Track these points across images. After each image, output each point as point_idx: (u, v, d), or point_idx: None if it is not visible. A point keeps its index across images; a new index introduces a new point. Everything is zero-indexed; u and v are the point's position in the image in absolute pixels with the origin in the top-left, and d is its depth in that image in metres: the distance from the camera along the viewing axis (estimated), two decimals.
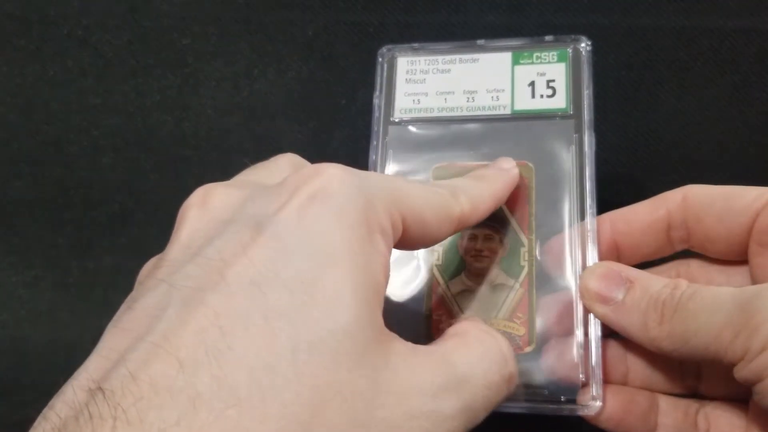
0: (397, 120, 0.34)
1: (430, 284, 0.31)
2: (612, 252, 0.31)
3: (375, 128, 0.34)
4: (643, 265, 0.32)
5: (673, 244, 0.31)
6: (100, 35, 0.42)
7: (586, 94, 0.33)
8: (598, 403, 0.29)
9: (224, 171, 0.42)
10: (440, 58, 0.35)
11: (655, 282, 0.28)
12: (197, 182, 0.43)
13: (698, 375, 0.30)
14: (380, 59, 0.35)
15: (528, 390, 0.29)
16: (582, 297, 0.29)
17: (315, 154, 0.42)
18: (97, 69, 0.42)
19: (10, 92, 0.42)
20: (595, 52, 0.41)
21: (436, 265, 0.32)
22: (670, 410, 0.30)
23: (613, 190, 0.31)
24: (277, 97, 0.42)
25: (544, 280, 0.31)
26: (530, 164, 0.32)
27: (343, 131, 0.42)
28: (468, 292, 0.31)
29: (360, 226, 0.21)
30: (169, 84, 0.42)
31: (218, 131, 0.42)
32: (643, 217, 0.30)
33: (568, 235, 0.31)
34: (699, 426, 0.29)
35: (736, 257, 0.30)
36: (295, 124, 0.42)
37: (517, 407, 0.29)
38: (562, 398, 0.29)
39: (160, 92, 0.42)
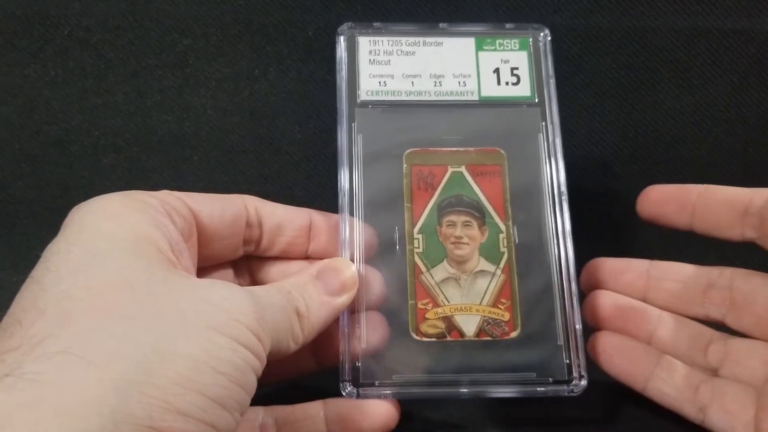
0: (363, 102, 0.34)
1: (413, 272, 0.32)
2: (685, 215, 0.32)
3: (340, 109, 0.33)
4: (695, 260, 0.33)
5: (743, 229, 0.31)
6: (101, 36, 0.42)
7: (551, 83, 0.34)
8: (583, 383, 0.30)
9: (225, 171, 0.43)
10: (404, 39, 0.35)
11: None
12: (198, 182, 0.43)
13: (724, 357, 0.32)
14: (340, 37, 0.35)
15: (516, 374, 0.30)
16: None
17: (315, 154, 0.42)
18: (98, 69, 0.42)
19: (11, 92, 0.42)
20: (595, 53, 0.41)
21: (418, 253, 0.32)
22: (669, 366, 0.31)
23: (612, 190, 0.31)
24: (277, 98, 0.42)
25: (524, 265, 0.32)
26: (502, 151, 0.33)
27: None
28: (451, 280, 0.32)
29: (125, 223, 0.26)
30: (169, 84, 0.42)
31: (219, 131, 0.42)
32: (728, 193, 0.31)
33: (545, 223, 0.32)
34: (700, 395, 0.31)
35: None
36: (295, 124, 0.42)
37: (507, 391, 0.30)
38: (550, 380, 0.30)
39: (160, 92, 0.42)
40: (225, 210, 0.30)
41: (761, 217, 0.30)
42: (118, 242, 0.25)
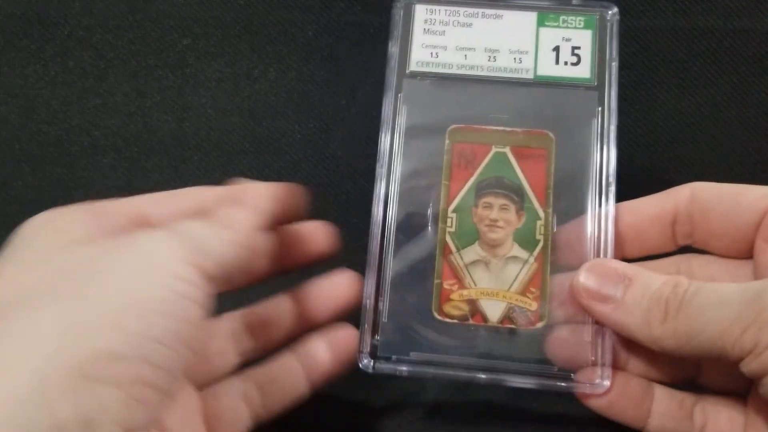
0: (413, 72, 0.32)
1: (442, 251, 0.31)
2: (616, 243, 0.30)
3: (389, 79, 0.32)
4: (644, 261, 0.32)
5: (676, 239, 0.31)
6: (101, 35, 0.42)
7: (612, 66, 0.32)
8: (606, 383, 0.29)
9: (225, 171, 0.43)
10: (462, 10, 0.33)
11: (654, 279, 0.27)
12: (198, 182, 0.43)
13: (698, 366, 0.31)
14: (397, 4, 0.33)
15: (537, 365, 0.29)
16: (579, 296, 0.29)
17: (314, 155, 0.42)
18: (98, 69, 0.42)
19: (11, 92, 0.42)
20: None
21: (450, 233, 0.31)
22: (666, 399, 0.30)
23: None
24: (277, 98, 0.42)
25: (559, 257, 0.30)
26: (550, 134, 0.32)
27: (343, 131, 0.42)
28: (481, 263, 0.31)
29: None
30: (169, 84, 0.42)
31: (219, 131, 0.42)
32: (651, 209, 0.30)
33: (589, 216, 0.30)
34: (695, 419, 0.29)
35: (740, 255, 0.30)
36: (295, 124, 0.42)
37: (525, 383, 0.29)
38: (572, 376, 0.29)
39: (160, 92, 0.42)
40: (176, 207, 0.30)
41: (692, 223, 0.30)
42: (46, 233, 0.26)
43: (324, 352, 0.31)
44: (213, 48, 0.42)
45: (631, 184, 0.35)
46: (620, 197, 0.31)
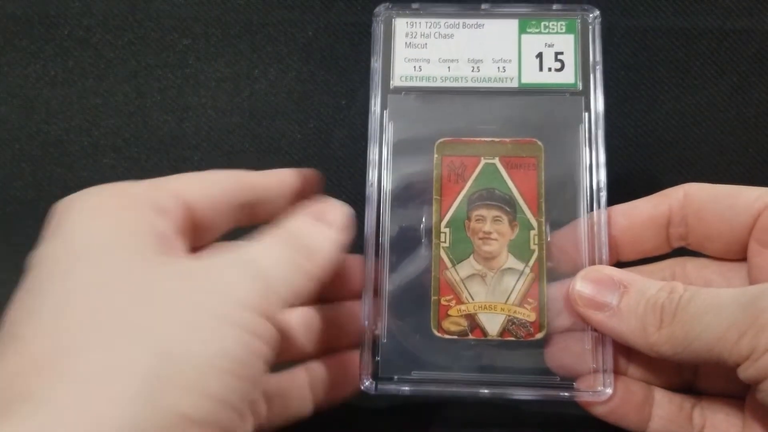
0: (396, 87, 0.32)
1: (438, 267, 0.31)
2: (610, 247, 0.30)
3: (373, 95, 0.32)
4: (639, 264, 0.32)
5: (671, 241, 0.31)
6: (101, 35, 0.42)
7: (597, 69, 0.32)
8: (609, 390, 0.29)
9: None
10: (443, 21, 0.33)
11: (650, 285, 0.27)
12: None
13: (695, 370, 0.31)
14: (377, 19, 0.33)
15: (539, 377, 0.29)
16: (575, 305, 0.29)
17: (315, 154, 0.42)
18: (98, 69, 0.42)
19: (11, 92, 0.42)
20: None
21: (444, 248, 0.31)
22: (666, 403, 0.30)
23: (611, 191, 0.31)
24: (277, 98, 0.42)
25: (554, 265, 0.30)
26: (539, 142, 0.32)
27: (343, 131, 0.42)
28: (477, 277, 0.31)
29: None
30: (169, 84, 0.42)
31: (219, 131, 0.42)
32: (645, 212, 0.30)
33: (582, 222, 0.30)
34: (694, 421, 0.29)
35: (734, 256, 0.30)
36: (295, 124, 0.42)
37: (529, 395, 0.29)
38: (574, 385, 0.29)
39: (160, 92, 0.42)
40: (221, 201, 0.28)
41: (686, 225, 0.30)
42: (107, 239, 0.24)
43: (333, 375, 0.31)
44: (213, 48, 0.42)
45: (631, 184, 0.35)
46: (619, 199, 0.31)
